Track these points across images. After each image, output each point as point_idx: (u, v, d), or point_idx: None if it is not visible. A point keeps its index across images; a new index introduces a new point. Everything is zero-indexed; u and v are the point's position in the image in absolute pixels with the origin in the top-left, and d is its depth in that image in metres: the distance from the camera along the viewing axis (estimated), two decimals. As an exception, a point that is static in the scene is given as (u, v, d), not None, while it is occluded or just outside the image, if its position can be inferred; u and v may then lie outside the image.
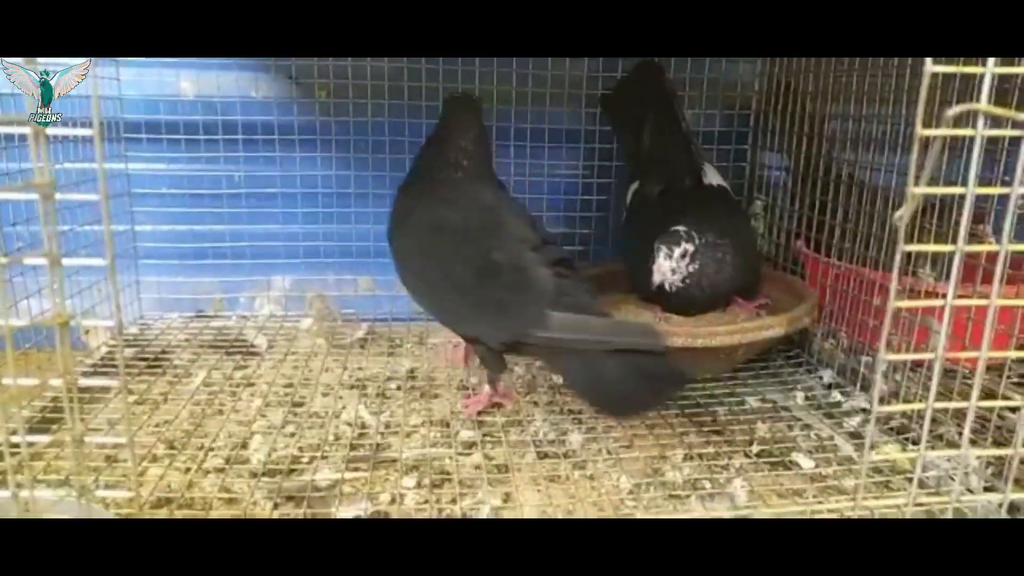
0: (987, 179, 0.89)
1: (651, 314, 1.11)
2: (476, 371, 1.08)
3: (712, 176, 1.18)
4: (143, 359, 1.08)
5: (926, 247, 0.71)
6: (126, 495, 0.64)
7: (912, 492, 0.56)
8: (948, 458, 0.80)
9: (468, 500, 0.74)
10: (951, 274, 0.48)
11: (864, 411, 0.96)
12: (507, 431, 0.90)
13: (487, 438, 0.89)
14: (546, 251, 0.88)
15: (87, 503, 0.57)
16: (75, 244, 1.03)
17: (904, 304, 0.54)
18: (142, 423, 0.89)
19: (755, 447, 0.87)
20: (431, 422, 0.92)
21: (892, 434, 0.90)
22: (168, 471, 0.78)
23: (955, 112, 0.41)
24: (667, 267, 1.00)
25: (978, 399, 0.51)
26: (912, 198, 0.44)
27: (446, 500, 0.75)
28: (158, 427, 0.88)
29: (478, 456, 0.83)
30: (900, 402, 0.89)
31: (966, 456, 0.71)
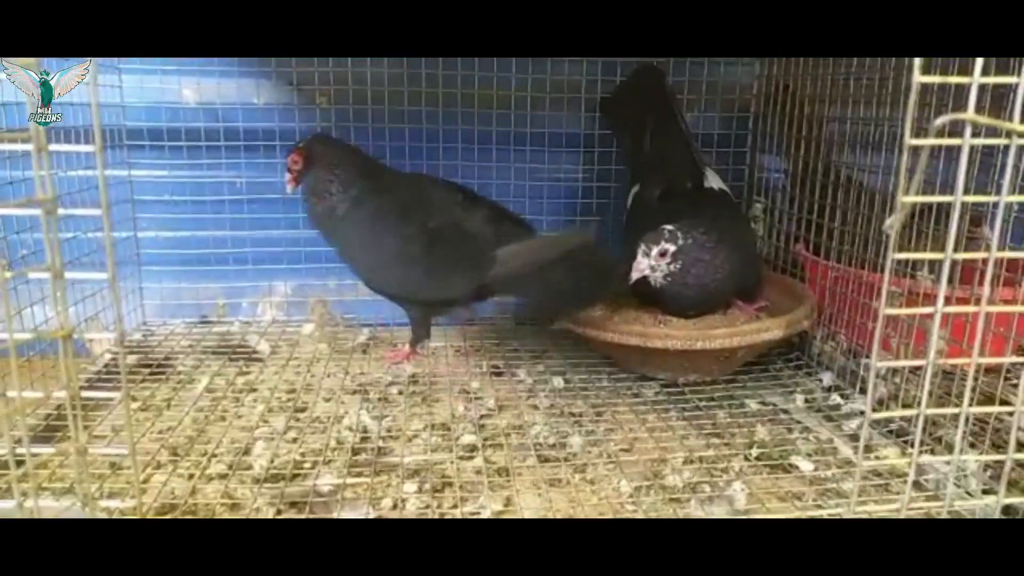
0: (983, 183, 0.89)
1: (651, 316, 1.12)
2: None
3: (713, 180, 1.18)
4: (146, 365, 1.09)
5: (919, 255, 0.71)
6: (130, 505, 0.65)
7: (907, 496, 0.56)
8: (947, 461, 0.80)
9: (470, 505, 0.75)
10: (942, 280, 0.48)
11: (864, 414, 0.96)
12: (508, 435, 0.91)
13: (488, 442, 0.89)
14: (474, 206, 1.02)
15: (91, 513, 0.58)
16: (79, 251, 1.04)
17: (894, 312, 0.54)
18: (146, 430, 0.89)
19: (755, 450, 0.87)
20: (432, 426, 0.93)
21: (892, 437, 0.90)
22: (171, 478, 0.79)
23: (941, 122, 0.42)
24: (644, 264, 1.01)
25: (977, 402, 0.51)
26: (902, 207, 0.44)
27: (447, 505, 0.75)
28: (162, 434, 0.89)
29: (479, 460, 0.84)
30: (899, 405, 0.89)
31: (963, 460, 0.72)
